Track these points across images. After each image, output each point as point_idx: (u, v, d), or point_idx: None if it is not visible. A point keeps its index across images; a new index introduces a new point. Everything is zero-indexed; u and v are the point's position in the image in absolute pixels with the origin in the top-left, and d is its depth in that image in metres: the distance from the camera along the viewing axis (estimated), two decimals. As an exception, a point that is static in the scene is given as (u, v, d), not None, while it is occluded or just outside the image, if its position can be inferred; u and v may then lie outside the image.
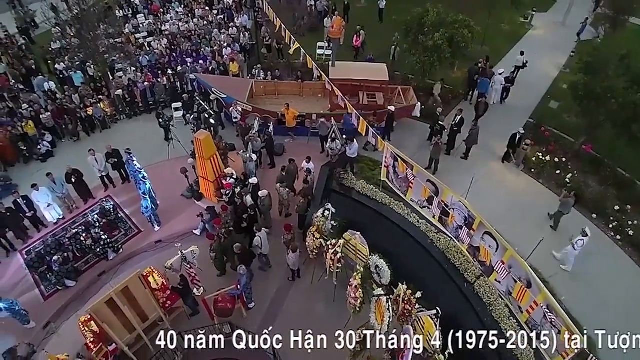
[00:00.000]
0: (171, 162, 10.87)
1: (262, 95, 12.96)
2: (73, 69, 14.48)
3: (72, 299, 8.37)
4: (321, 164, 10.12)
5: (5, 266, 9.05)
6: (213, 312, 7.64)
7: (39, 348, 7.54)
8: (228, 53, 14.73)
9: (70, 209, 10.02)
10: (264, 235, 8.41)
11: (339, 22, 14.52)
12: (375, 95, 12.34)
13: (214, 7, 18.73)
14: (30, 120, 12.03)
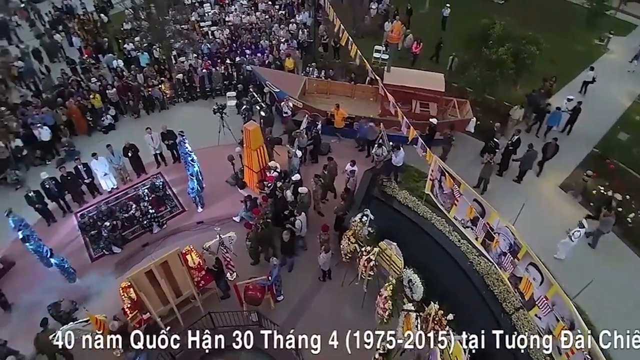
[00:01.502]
0: (220, 148, 11.32)
1: (313, 93, 13.15)
2: (140, 50, 15.48)
3: (116, 264, 9.00)
4: (365, 168, 10.10)
5: (61, 225, 9.93)
6: (243, 299, 7.90)
7: (81, 306, 8.18)
8: (285, 48, 15.09)
9: (124, 180, 10.78)
10: (304, 218, 8.59)
11: (399, 27, 14.40)
12: (429, 105, 12.10)
13: (277, 2, 19.23)
14: (98, 93, 13.08)
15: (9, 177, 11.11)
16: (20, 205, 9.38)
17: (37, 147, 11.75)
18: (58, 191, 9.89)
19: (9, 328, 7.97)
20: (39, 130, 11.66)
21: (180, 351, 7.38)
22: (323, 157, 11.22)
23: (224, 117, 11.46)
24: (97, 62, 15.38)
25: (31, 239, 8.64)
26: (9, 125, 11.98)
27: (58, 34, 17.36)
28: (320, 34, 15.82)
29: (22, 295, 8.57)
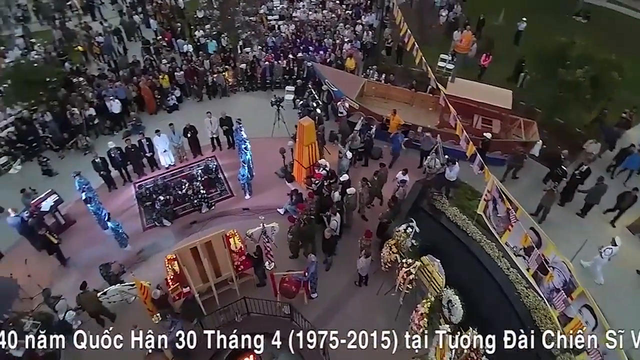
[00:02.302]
0: (273, 140, 11.66)
1: (371, 96, 13.12)
2: (209, 38, 16.29)
3: (164, 236, 9.59)
4: (416, 178, 9.90)
5: (120, 193, 10.78)
6: (278, 290, 8.09)
7: (129, 270, 8.82)
8: (348, 48, 15.17)
9: (181, 159, 11.48)
10: (339, 218, 8.65)
11: (469, 37, 13.97)
12: (492, 122, 11.62)
13: (345, 2, 19.38)
14: (167, 75, 13.98)
15: (79, 142, 12.24)
16: (87, 169, 10.27)
17: (107, 118, 12.83)
18: (121, 161, 10.75)
19: (65, 282, 8.78)
20: (111, 102, 12.71)
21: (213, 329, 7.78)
22: (373, 162, 11.20)
23: (280, 110, 11.77)
24: (169, 45, 16.40)
25: (93, 201, 9.46)
26: (85, 95, 13.18)
27: (137, 15, 18.77)
28: (385, 37, 15.73)
29: (79, 252, 9.42)
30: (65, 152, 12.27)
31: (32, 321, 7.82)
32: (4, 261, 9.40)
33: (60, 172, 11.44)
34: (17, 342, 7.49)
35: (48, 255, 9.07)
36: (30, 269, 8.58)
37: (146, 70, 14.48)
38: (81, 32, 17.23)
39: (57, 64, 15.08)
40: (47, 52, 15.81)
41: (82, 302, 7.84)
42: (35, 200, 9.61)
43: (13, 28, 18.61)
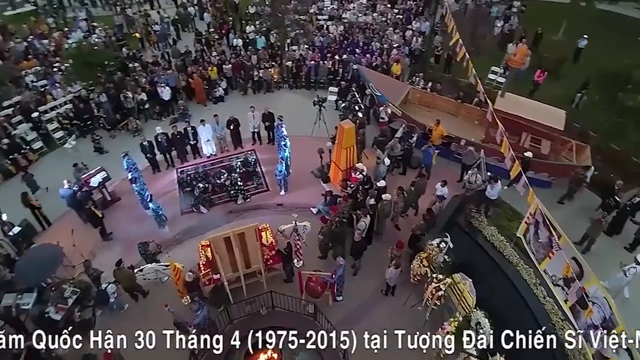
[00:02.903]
0: (312, 139, 11.83)
1: (415, 104, 12.97)
2: (259, 34, 16.73)
3: (200, 223, 9.98)
4: (455, 192, 9.71)
5: (163, 176, 11.38)
6: (304, 288, 8.21)
7: (165, 251, 9.26)
8: (395, 53, 15.06)
9: (222, 149, 11.92)
10: (368, 221, 8.64)
11: (524, 51, 13.47)
12: (541, 142, 11.16)
13: (396, 6, 19.24)
14: (215, 67, 14.51)
15: (130, 124, 12.99)
16: (135, 150, 10.87)
17: (157, 104, 13.54)
18: (167, 146, 11.32)
19: (105, 254, 9.36)
20: (162, 89, 13.38)
21: (239, 318, 8.05)
22: (412, 171, 11.08)
23: (322, 110, 11.90)
24: (220, 38, 16.98)
25: (138, 181, 10.02)
26: (139, 80, 13.95)
27: (192, 7, 19.59)
28: (435, 45, 15.49)
29: (120, 228, 10.01)
30: (116, 132, 13.09)
31: (72, 288, 8.42)
32: (52, 229, 10.16)
33: (110, 151, 12.22)
34: (57, 306, 8.16)
35: (92, 228, 9.71)
36: (75, 239, 9.19)
37: (197, 61, 15.10)
38: (140, 20, 18.24)
39: (115, 48, 16.09)
40: (107, 36, 16.87)
41: (117, 277, 8.33)
42: (85, 175, 10.32)
43: (77, 11, 19.94)
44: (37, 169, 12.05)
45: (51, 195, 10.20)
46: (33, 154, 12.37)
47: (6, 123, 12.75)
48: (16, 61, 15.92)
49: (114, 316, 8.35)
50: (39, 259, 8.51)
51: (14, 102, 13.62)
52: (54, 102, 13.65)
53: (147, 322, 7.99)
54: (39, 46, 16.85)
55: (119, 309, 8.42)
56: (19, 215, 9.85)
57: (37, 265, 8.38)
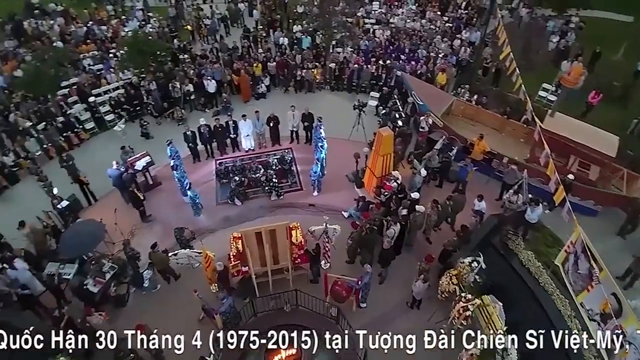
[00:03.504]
0: (349, 143, 11.93)
1: (458, 116, 12.74)
2: (305, 34, 17.00)
3: (233, 215, 10.35)
4: (492, 211, 9.48)
5: (202, 166, 11.86)
6: (328, 290, 8.32)
7: (198, 238, 9.66)
8: (441, 62, 14.87)
9: (260, 145, 12.27)
10: (398, 229, 8.64)
11: (579, 70, 12.96)
12: (590, 168, 10.67)
13: (446, 14, 18.94)
14: (261, 63, 14.91)
15: (176, 113, 13.62)
16: (178, 139, 11.39)
17: (202, 95, 14.10)
18: (208, 137, 11.78)
19: (143, 235, 9.89)
20: (208, 82, 13.91)
21: (263, 312, 8.28)
22: (448, 185, 10.92)
23: (361, 114, 11.96)
24: (267, 36, 17.41)
25: (179, 169, 10.50)
26: (187, 71, 14.58)
27: (242, 3, 20.17)
28: (484, 57, 15.12)
29: (159, 211, 10.54)
30: (162, 119, 13.76)
31: (111, 264, 8.98)
32: (96, 206, 10.86)
33: (155, 137, 12.87)
34: (95, 279, 8.73)
35: (133, 209, 10.28)
36: (117, 218, 9.77)
37: (242, 57, 15.57)
38: (192, 13, 19.03)
39: (167, 39, 16.89)
40: (161, 27, 17.73)
41: (152, 259, 8.79)
42: (131, 158, 10.94)
43: (135, 0, 21.04)
44: (87, 148, 12.96)
45: (99, 174, 10.88)
46: (85, 133, 13.27)
47: (63, 102, 13.77)
48: (76, 44, 17.12)
49: (146, 295, 8.84)
50: (82, 233, 9.13)
51: (71, 83, 14.64)
52: (107, 86, 14.54)
53: (176, 304, 8.48)
54: (98, 32, 18.00)
55: (152, 288, 8.89)
56: (69, 190, 10.60)
57: (80, 238, 9.00)
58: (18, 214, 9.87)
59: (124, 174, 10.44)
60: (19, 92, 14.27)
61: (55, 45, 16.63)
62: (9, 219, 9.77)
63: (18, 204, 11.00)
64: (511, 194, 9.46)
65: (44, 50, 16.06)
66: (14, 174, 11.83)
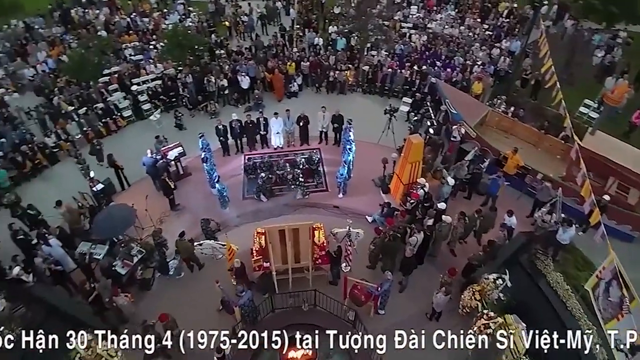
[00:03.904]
0: (378, 147, 11.92)
1: (492, 127, 12.46)
2: (340, 35, 17.07)
3: (258, 210, 10.57)
4: (522, 228, 9.26)
5: (232, 160, 12.17)
6: (347, 293, 8.37)
7: (223, 230, 9.92)
8: (478, 71, 14.59)
9: (289, 143, 12.45)
10: (421, 237, 8.59)
11: (624, 88, 12.49)
12: (629, 191, 10.22)
13: (487, 22, 18.55)
14: (294, 62, 15.10)
15: (209, 107, 14.03)
16: (210, 132, 11.74)
17: (236, 91, 14.44)
18: (239, 132, 12.09)
19: (171, 222, 10.26)
20: (242, 78, 14.24)
21: (281, 308, 8.42)
22: (477, 197, 10.73)
23: (392, 119, 11.91)
24: (302, 35, 17.59)
25: (209, 161, 10.80)
26: (223, 66, 14.96)
27: (279, 2, 20.44)
28: (524, 68, 14.72)
29: (187, 201, 10.88)
30: (196, 112, 14.20)
31: (139, 248, 9.37)
32: (129, 191, 11.33)
33: (188, 129, 13.31)
34: (123, 261, 9.13)
35: (163, 197, 10.67)
36: (147, 205, 10.16)
37: (277, 55, 15.81)
38: (231, 10, 19.48)
39: (205, 34, 17.38)
40: (200, 21, 18.27)
41: (178, 247, 9.09)
42: (165, 147, 11.35)
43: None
44: (123, 134, 13.56)
45: (132, 161, 11.36)
46: (122, 120, 13.87)
47: (103, 89, 14.44)
48: (119, 34, 17.92)
49: (170, 281, 9.18)
50: (115, 216, 9.57)
51: (112, 72, 15.32)
52: (146, 77, 15.12)
53: (197, 293, 8.76)
54: (140, 23, 18.78)
55: (176, 275, 9.21)
56: (104, 174, 11.11)
57: (112, 221, 9.44)
58: (56, 193, 10.50)
59: (158, 162, 10.84)
60: (64, 77, 15.11)
61: (100, 34, 17.50)
62: (47, 197, 10.40)
63: (56, 184, 11.64)
64: (544, 213, 9.21)
65: (88, 38, 16.94)
66: (54, 154, 12.54)
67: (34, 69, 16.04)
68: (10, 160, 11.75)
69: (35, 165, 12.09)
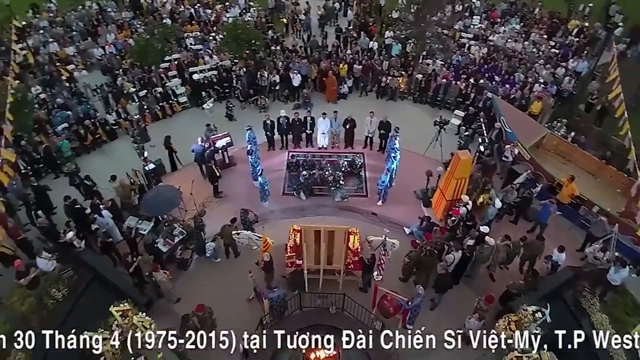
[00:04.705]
0: (423, 159, 11.81)
1: (549, 151, 11.87)
2: (396, 40, 16.95)
3: (296, 207, 10.80)
4: (570, 262, 8.80)
5: (276, 155, 12.51)
6: (376, 303, 8.35)
7: (261, 222, 10.21)
8: (539, 90, 13.95)
9: (333, 145, 12.57)
10: (458, 256, 8.39)
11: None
12: (696, 236, 9.40)
13: (554, 39, 17.65)
14: (347, 64, 15.20)
15: (259, 101, 14.47)
16: (257, 125, 12.07)
17: (287, 87, 14.77)
18: (286, 129, 12.40)
19: (212, 209, 10.70)
20: (294, 75, 14.53)
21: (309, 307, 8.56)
22: (524, 223, 10.29)
23: (441, 132, 11.69)
24: (357, 37, 17.64)
25: (254, 154, 11.15)
26: (276, 62, 15.34)
27: (337, 3, 20.59)
28: (590, 91, 13.90)
29: (230, 190, 11.33)
30: (246, 105, 14.70)
31: (181, 229, 9.88)
32: (177, 174, 11.93)
33: (238, 120, 13.81)
34: (165, 240, 9.67)
35: (208, 184, 11.17)
36: (193, 189, 10.65)
37: (330, 56, 15.98)
38: (290, 7, 19.91)
39: (263, 29, 17.87)
40: (259, 17, 18.82)
41: (223, 232, 9.47)
42: (214, 136, 11.86)
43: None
44: (177, 119, 14.30)
45: (182, 145, 11.95)
46: (178, 106, 14.62)
47: (163, 74, 15.29)
48: (182, 24, 18.86)
49: (207, 264, 9.62)
50: (162, 196, 10.07)
51: (173, 58, 16.18)
52: (203, 66, 15.82)
53: (231, 279, 9.11)
54: (203, 14, 19.65)
55: (213, 258, 9.64)
56: (156, 155, 11.78)
57: (160, 200, 9.95)
58: (111, 167, 11.30)
59: (208, 150, 11.35)
60: (129, 60, 16.18)
61: (165, 22, 18.51)
62: (103, 170, 11.21)
63: (112, 159, 12.52)
64: (597, 249, 8.70)
65: (154, 25, 17.97)
66: (113, 131, 13.49)
67: (102, 49, 17.28)
68: (74, 133, 12.78)
69: (96, 140, 13.08)
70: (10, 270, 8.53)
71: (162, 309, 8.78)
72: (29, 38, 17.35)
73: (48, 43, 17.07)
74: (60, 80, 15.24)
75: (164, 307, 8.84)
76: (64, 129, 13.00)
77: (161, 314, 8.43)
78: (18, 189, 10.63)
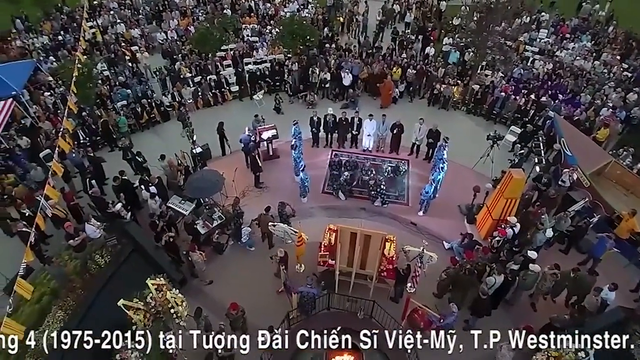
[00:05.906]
0: (472, 173, 11.39)
1: (611, 181, 11.04)
2: (454, 48, 16.46)
3: (335, 207, 10.80)
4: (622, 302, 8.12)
5: (319, 152, 12.57)
6: (406, 315, 8.14)
7: (298, 217, 10.26)
8: (607, 114, 13.01)
9: (378, 148, 12.43)
10: (500, 280, 8.05)
11: None
12: None
13: (627, 61, 16.37)
14: (400, 68, 14.96)
15: (308, 97, 14.58)
16: (304, 121, 12.15)
17: (337, 86, 14.81)
18: (332, 127, 12.39)
19: (251, 198, 10.93)
20: (345, 74, 14.50)
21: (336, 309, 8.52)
22: (575, 254, 9.64)
23: (494, 147, 11.20)
24: (414, 42, 17.29)
25: (298, 149, 11.25)
26: (329, 60, 15.39)
27: (397, 5, 20.31)
28: (665, 121, 12.79)
29: (270, 182, 11.51)
30: (295, 99, 14.87)
31: (220, 214, 10.16)
32: (222, 160, 12.27)
33: (285, 114, 13.99)
34: (204, 222, 9.97)
35: (250, 173, 11.43)
36: (235, 176, 10.92)
37: (384, 58, 15.80)
38: (348, 6, 19.90)
39: (319, 26, 17.97)
40: (317, 14, 18.96)
41: (261, 220, 9.63)
42: (261, 127, 12.09)
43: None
44: (228, 107, 14.74)
45: (230, 133, 12.28)
46: (229, 94, 15.07)
47: (219, 63, 15.81)
48: (241, 15, 19.43)
49: (241, 251, 9.83)
50: (206, 180, 10.39)
51: (229, 48, 16.69)
52: (257, 58, 16.19)
53: (262, 269, 9.24)
54: (262, 8, 20.12)
55: (248, 246, 9.84)
56: (204, 139, 12.19)
57: (203, 183, 10.27)
58: (161, 147, 11.80)
59: (251, 142, 11.59)
60: (188, 46, 16.88)
61: (225, 12, 19.13)
62: (154, 149, 11.73)
63: (164, 139, 13.11)
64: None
65: (215, 14, 18.62)
66: (167, 112, 14.13)
67: (165, 34, 18.18)
68: (132, 110, 13.53)
69: (150, 119, 13.78)
70: (61, 233, 9.14)
71: (194, 289, 9.06)
72: (99, 17, 18.65)
73: (116, 24, 18.24)
74: (124, 60, 16.22)
75: (196, 288, 9.12)
76: (123, 106, 13.81)
77: (193, 294, 8.69)
78: (77, 157, 11.38)
